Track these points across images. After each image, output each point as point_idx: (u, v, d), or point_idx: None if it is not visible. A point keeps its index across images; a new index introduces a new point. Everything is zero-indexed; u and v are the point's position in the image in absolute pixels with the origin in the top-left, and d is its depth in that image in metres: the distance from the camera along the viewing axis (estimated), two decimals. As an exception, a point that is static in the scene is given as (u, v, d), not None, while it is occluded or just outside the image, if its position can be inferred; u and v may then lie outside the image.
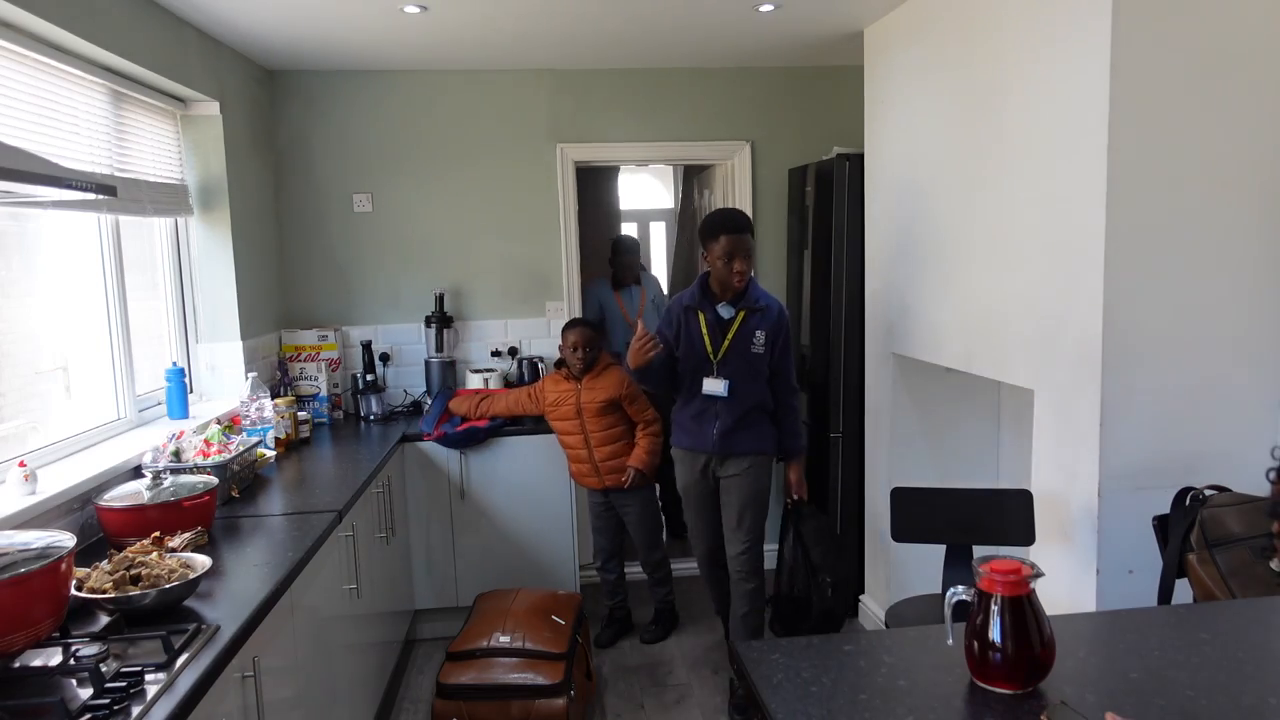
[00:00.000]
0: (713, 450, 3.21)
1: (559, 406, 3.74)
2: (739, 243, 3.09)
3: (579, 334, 3.70)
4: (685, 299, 3.23)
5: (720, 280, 3.15)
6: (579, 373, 3.70)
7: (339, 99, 4.25)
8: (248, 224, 3.79)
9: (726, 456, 3.22)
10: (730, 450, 3.21)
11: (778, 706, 1.40)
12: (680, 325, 3.22)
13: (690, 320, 3.20)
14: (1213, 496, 2.19)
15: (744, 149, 4.49)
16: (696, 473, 3.28)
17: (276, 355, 4.10)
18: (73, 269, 2.84)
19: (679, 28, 3.65)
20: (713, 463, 3.25)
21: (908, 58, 3.39)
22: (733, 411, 3.17)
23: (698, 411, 3.21)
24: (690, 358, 3.19)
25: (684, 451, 3.32)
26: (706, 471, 3.27)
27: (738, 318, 3.16)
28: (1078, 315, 2.44)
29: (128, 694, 1.52)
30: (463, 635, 3.22)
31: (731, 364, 3.15)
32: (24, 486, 2.20)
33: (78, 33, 2.49)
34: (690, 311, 3.20)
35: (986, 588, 1.42)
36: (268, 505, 2.75)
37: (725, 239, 3.08)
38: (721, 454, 3.22)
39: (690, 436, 3.26)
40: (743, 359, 3.15)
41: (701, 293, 3.20)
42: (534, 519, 3.95)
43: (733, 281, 3.12)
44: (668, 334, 3.24)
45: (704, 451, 3.24)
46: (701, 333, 3.16)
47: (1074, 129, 2.42)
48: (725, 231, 3.08)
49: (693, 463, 3.29)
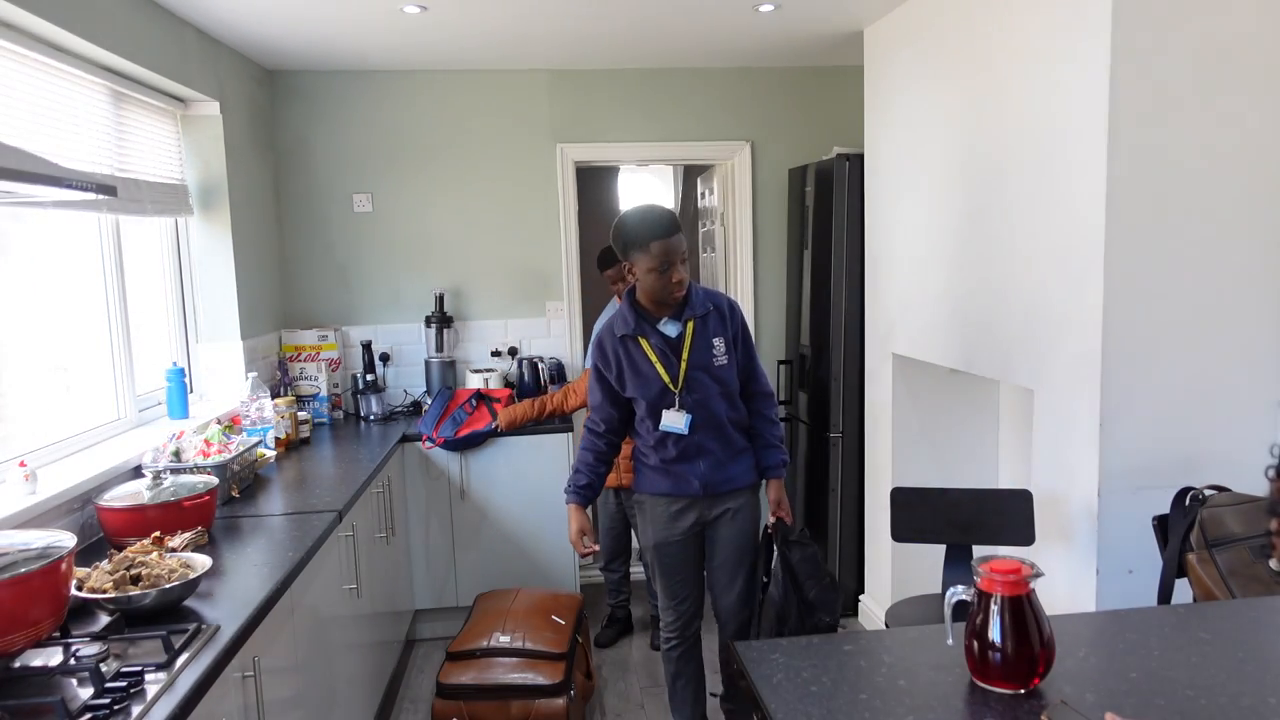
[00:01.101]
0: (699, 493, 2.68)
1: None
2: (673, 248, 2.53)
3: None
4: (617, 327, 2.65)
5: (654, 296, 2.59)
6: None
7: (339, 99, 4.25)
8: (248, 224, 3.79)
9: (715, 497, 2.70)
10: (721, 489, 2.69)
11: (778, 706, 1.40)
12: (620, 362, 2.64)
13: (632, 351, 2.63)
14: (1212, 496, 2.19)
15: (744, 149, 4.49)
16: (678, 524, 2.72)
17: (276, 355, 4.11)
18: (73, 269, 2.84)
19: (679, 28, 3.65)
20: (700, 507, 2.71)
21: (908, 58, 3.39)
22: (719, 440, 2.66)
23: (676, 454, 2.65)
24: (646, 395, 2.62)
25: (659, 499, 2.72)
26: (691, 520, 2.72)
27: (687, 332, 2.62)
28: (1078, 315, 2.44)
29: (128, 694, 1.52)
30: (463, 635, 3.22)
31: (696, 386, 2.61)
32: (24, 486, 2.20)
33: (78, 33, 2.49)
34: (628, 342, 2.63)
35: (986, 588, 1.43)
36: (268, 505, 2.75)
37: (658, 246, 2.51)
38: (709, 495, 2.69)
39: (669, 480, 2.70)
40: (709, 374, 2.63)
41: (635, 314, 2.63)
42: (534, 519, 3.95)
43: (672, 295, 2.57)
44: (606, 378, 2.67)
45: (687, 496, 2.69)
46: (651, 362, 2.61)
47: (1074, 128, 2.42)
48: (657, 237, 2.51)
49: (671, 512, 2.72)
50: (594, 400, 2.73)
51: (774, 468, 2.77)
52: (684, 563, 2.77)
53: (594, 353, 2.71)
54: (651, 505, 2.75)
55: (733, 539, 2.73)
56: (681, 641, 2.85)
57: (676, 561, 2.76)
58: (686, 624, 2.83)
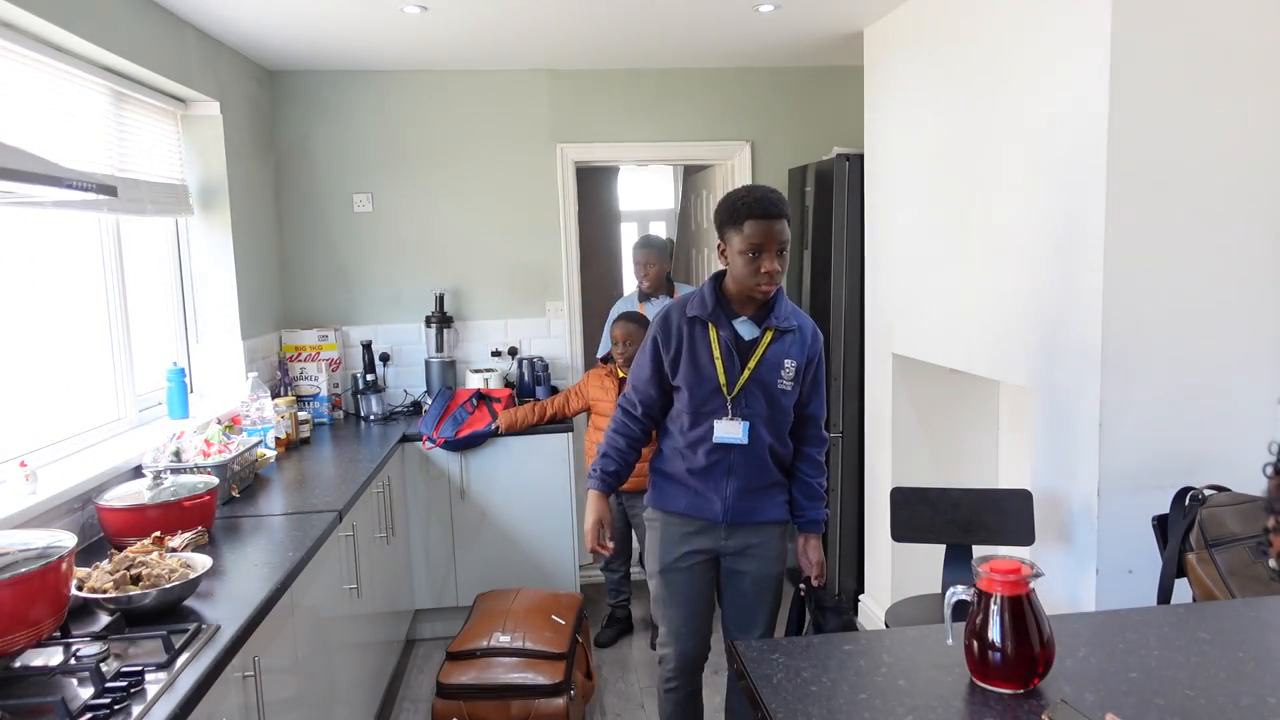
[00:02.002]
0: (721, 519, 2.39)
1: (599, 403, 3.76)
2: (772, 233, 2.24)
3: (623, 329, 3.70)
4: (691, 307, 2.37)
5: (741, 283, 2.31)
6: (623, 367, 3.72)
7: (339, 99, 4.25)
8: (248, 224, 3.79)
9: (735, 527, 2.41)
10: (744, 519, 2.39)
11: (778, 706, 1.40)
12: (681, 344, 2.36)
13: (697, 336, 2.35)
14: (1212, 496, 2.19)
15: (744, 149, 4.49)
16: (691, 550, 2.42)
17: (276, 355, 4.11)
18: (73, 269, 2.84)
19: (679, 28, 3.65)
20: (718, 535, 2.42)
21: (908, 58, 3.39)
22: (754, 465, 2.36)
23: (704, 465, 2.37)
24: (695, 390, 2.34)
25: (674, 517, 2.44)
26: (706, 547, 2.43)
27: (764, 339, 2.35)
28: (1077, 315, 2.44)
29: (128, 693, 1.53)
30: (463, 635, 3.22)
31: (752, 402, 2.33)
32: (25, 486, 2.20)
33: (78, 33, 2.50)
34: (697, 325, 2.36)
35: (986, 587, 1.43)
36: (268, 505, 2.75)
37: (753, 226, 2.23)
38: (731, 523, 2.40)
39: (688, 497, 2.41)
40: (767, 396, 2.34)
41: (716, 300, 2.36)
42: (534, 519, 3.95)
43: (758, 287, 2.28)
44: (661, 356, 2.38)
45: (706, 519, 2.40)
46: (713, 355, 2.33)
47: (1074, 128, 2.42)
48: (754, 216, 2.23)
49: (685, 534, 2.42)
50: (639, 376, 2.43)
51: (814, 523, 2.46)
52: (693, 595, 2.45)
53: (656, 325, 2.41)
54: (664, 524, 2.45)
55: (753, 578, 2.44)
56: (683, 685, 2.51)
57: (684, 593, 2.45)
58: (689, 666, 2.50)
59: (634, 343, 3.70)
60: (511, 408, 3.96)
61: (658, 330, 2.41)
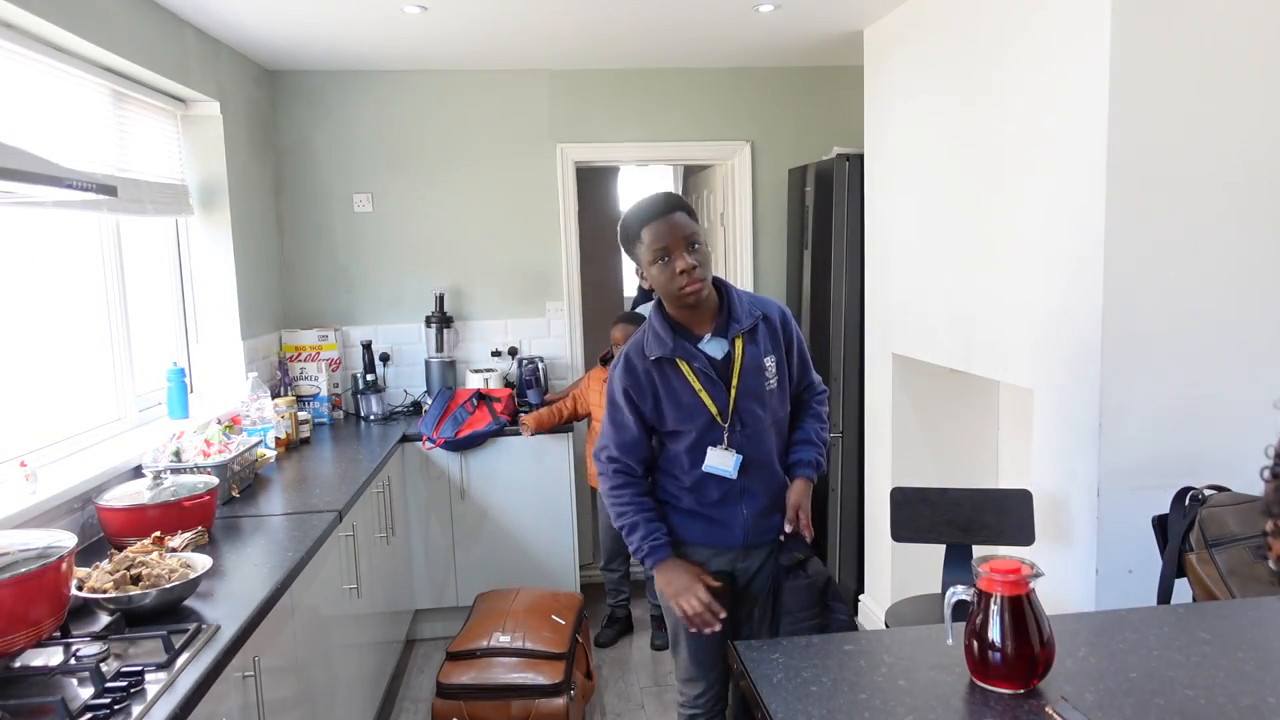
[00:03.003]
0: (739, 543, 2.19)
1: (599, 409, 3.77)
2: (671, 227, 2.04)
3: (624, 330, 3.70)
4: (650, 347, 2.12)
5: (667, 294, 2.09)
6: None
7: (339, 99, 4.25)
8: (248, 224, 3.79)
9: (752, 548, 2.21)
10: (762, 539, 2.21)
11: (778, 706, 1.40)
12: (655, 390, 2.13)
13: (670, 376, 2.12)
14: (1212, 496, 2.19)
15: (744, 149, 4.49)
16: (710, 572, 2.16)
17: (276, 355, 4.11)
18: (73, 269, 2.84)
19: (679, 28, 3.65)
20: (734, 556, 2.21)
21: (908, 58, 3.39)
22: (766, 479, 2.18)
23: (719, 497, 2.16)
24: (689, 428, 2.13)
25: (694, 550, 2.20)
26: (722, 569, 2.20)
27: (736, 352, 2.13)
28: (1077, 315, 2.44)
29: (128, 693, 1.53)
30: (463, 635, 3.22)
31: (748, 418, 2.14)
32: (25, 486, 2.20)
33: (78, 33, 2.50)
34: (664, 366, 2.12)
35: (986, 587, 1.43)
36: (268, 505, 2.75)
37: (650, 230, 2.04)
38: (747, 546, 2.21)
39: (704, 526, 2.19)
40: (761, 409, 2.15)
41: (671, 332, 2.12)
42: (534, 519, 3.95)
43: (682, 290, 2.04)
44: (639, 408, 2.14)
45: (730, 547, 2.19)
46: (694, 390, 2.11)
47: (1074, 128, 2.42)
48: (647, 221, 2.05)
49: (700, 561, 2.18)
50: (624, 439, 2.17)
51: (804, 465, 2.22)
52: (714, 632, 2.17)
53: (622, 377, 2.15)
54: (684, 557, 2.20)
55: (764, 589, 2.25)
56: (706, 716, 2.31)
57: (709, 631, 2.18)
58: (716, 697, 2.28)
59: None
60: (534, 412, 3.94)
61: (625, 384, 2.14)
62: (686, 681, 2.30)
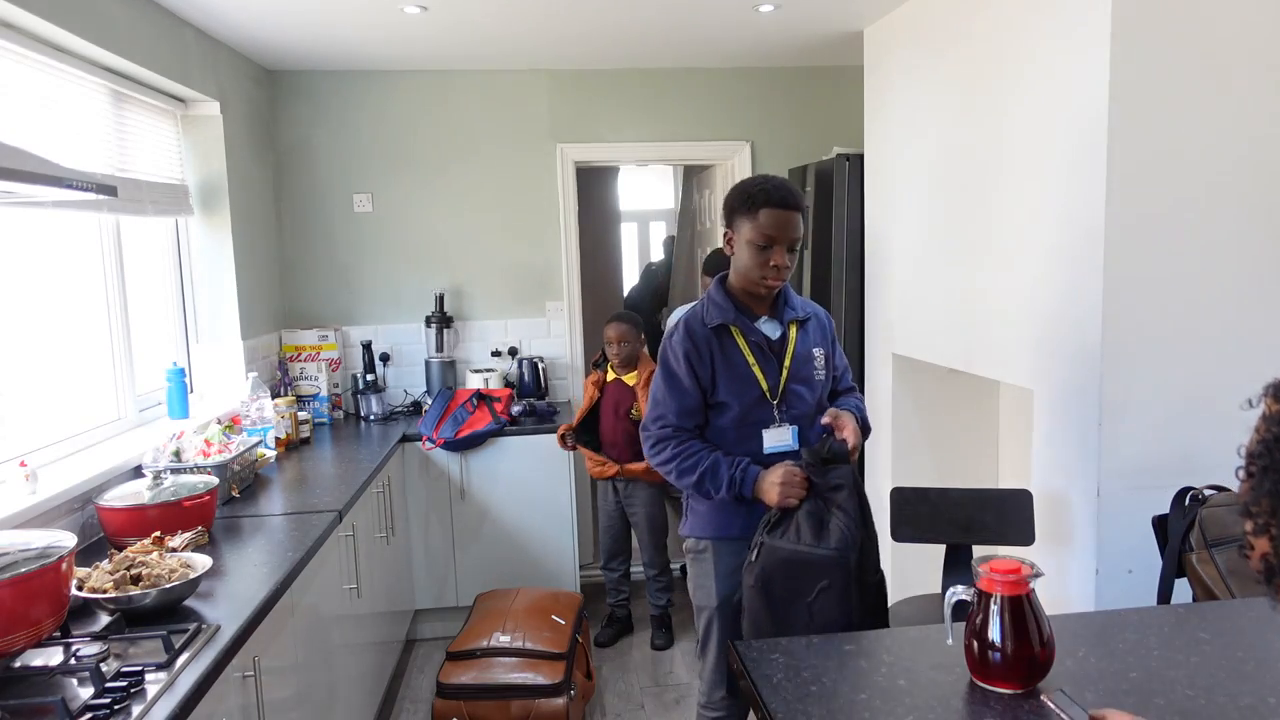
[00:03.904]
0: None
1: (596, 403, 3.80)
2: (787, 224, 2.07)
3: (617, 330, 3.72)
4: (709, 315, 2.17)
5: (745, 275, 2.14)
6: (618, 368, 3.75)
7: (339, 99, 4.25)
8: (248, 224, 3.79)
9: None
10: None
11: (778, 706, 1.40)
12: (714, 356, 2.14)
13: (726, 345, 2.15)
14: (1212, 496, 2.19)
15: (744, 149, 4.49)
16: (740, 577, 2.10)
17: (276, 355, 4.11)
18: (73, 269, 2.84)
19: (679, 28, 3.65)
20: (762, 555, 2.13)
21: (908, 58, 3.39)
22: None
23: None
24: (741, 402, 2.15)
25: (729, 543, 2.18)
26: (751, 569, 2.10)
27: (791, 335, 2.19)
28: (1077, 315, 2.44)
29: (128, 693, 1.53)
30: (463, 635, 3.23)
31: (796, 402, 2.17)
32: (25, 486, 2.20)
33: (78, 33, 2.50)
34: (723, 334, 2.16)
35: (986, 587, 1.43)
36: (268, 505, 2.75)
37: (768, 215, 2.06)
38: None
39: (743, 518, 2.14)
40: (807, 394, 2.19)
41: (732, 305, 2.18)
42: (534, 519, 3.95)
43: (763, 280, 2.11)
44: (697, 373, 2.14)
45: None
46: (748, 362, 2.15)
47: (1074, 128, 2.42)
48: (770, 205, 2.06)
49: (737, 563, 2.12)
50: (684, 404, 2.15)
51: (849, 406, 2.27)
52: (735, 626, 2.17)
53: (683, 342, 2.15)
54: (717, 553, 2.18)
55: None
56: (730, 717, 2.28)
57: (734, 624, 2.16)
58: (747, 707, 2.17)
59: (629, 342, 3.71)
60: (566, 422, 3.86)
61: (687, 346, 2.15)
62: (714, 684, 2.27)
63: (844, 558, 1.98)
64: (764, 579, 2.01)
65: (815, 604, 1.97)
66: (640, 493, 3.79)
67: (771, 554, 2.01)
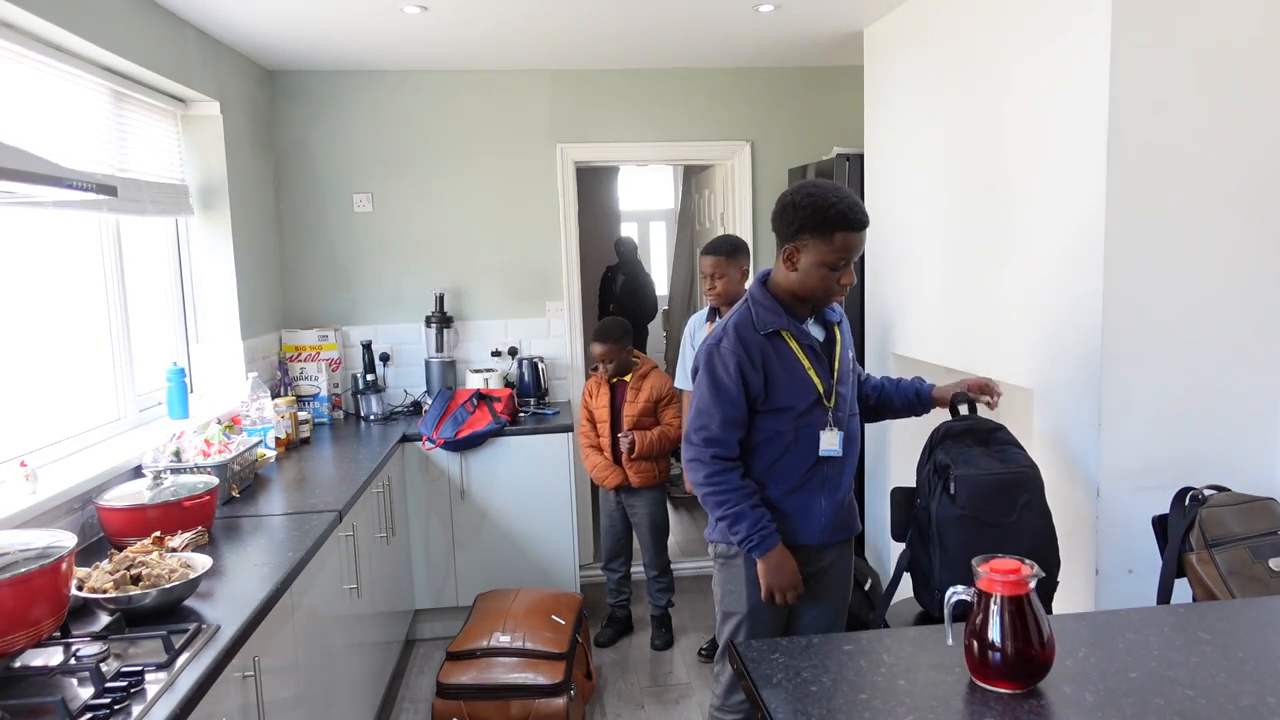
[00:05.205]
0: (816, 540, 2.19)
1: (600, 409, 3.78)
2: (859, 245, 2.08)
3: (603, 349, 3.66)
4: (761, 323, 2.13)
5: (810, 292, 2.11)
6: (609, 381, 3.75)
7: (339, 99, 4.25)
8: (248, 224, 3.79)
9: (826, 546, 2.22)
10: (839, 535, 2.24)
11: (778, 706, 1.40)
12: (768, 362, 2.12)
13: (780, 350, 2.14)
14: (1212, 496, 2.19)
15: (744, 149, 4.49)
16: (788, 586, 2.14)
17: (276, 355, 4.11)
18: (73, 269, 2.84)
19: (679, 28, 3.66)
20: (805, 558, 2.18)
21: (908, 58, 3.40)
22: (847, 473, 2.23)
23: (800, 483, 2.17)
24: (798, 406, 2.14)
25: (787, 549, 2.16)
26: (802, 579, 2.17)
27: (836, 336, 2.22)
28: (1078, 315, 2.44)
29: (128, 693, 1.53)
30: (463, 635, 3.23)
31: (843, 404, 2.20)
32: (25, 486, 2.20)
33: (78, 33, 2.50)
34: (775, 339, 2.14)
35: (986, 587, 1.43)
36: (268, 505, 2.75)
37: (844, 239, 2.04)
38: (823, 544, 2.21)
39: (780, 522, 2.15)
40: (849, 393, 2.24)
41: (782, 309, 2.15)
42: (534, 519, 3.95)
43: (829, 296, 2.12)
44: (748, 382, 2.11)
45: (798, 544, 2.17)
46: (803, 366, 2.14)
47: (1074, 128, 2.42)
48: (847, 229, 2.04)
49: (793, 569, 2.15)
50: (729, 415, 2.12)
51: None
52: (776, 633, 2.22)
53: (735, 350, 2.11)
54: (750, 559, 2.15)
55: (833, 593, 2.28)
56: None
57: (771, 633, 2.21)
58: None
59: (614, 360, 3.67)
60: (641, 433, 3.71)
61: (739, 354, 2.11)
62: (733, 687, 2.27)
63: (1037, 470, 2.21)
64: (973, 507, 2.14)
65: (1019, 522, 2.16)
66: (642, 494, 3.79)
67: (974, 485, 2.15)
